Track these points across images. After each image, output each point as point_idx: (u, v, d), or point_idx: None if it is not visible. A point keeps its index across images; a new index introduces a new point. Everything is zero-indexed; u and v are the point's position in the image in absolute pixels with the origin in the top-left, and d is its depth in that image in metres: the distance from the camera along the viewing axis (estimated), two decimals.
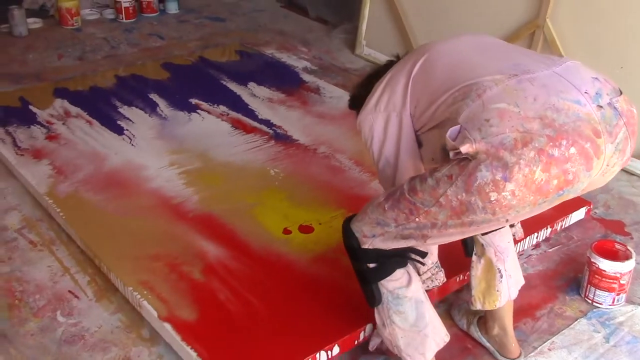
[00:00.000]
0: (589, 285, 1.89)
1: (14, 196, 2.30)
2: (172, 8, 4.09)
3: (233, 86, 3.03)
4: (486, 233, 1.60)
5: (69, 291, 1.88)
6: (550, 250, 2.12)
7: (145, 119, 2.73)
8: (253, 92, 3.00)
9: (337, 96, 2.96)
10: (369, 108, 1.54)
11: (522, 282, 1.72)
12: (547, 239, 2.15)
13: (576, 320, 1.84)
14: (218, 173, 2.37)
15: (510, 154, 1.19)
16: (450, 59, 1.44)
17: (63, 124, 2.66)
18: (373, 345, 1.68)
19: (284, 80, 3.13)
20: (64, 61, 3.40)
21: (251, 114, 2.80)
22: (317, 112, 2.85)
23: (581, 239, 2.17)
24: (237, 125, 2.70)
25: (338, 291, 1.79)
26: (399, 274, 1.48)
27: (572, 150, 1.20)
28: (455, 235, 1.36)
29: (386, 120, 1.51)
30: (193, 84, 3.04)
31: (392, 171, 1.53)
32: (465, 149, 1.21)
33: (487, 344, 1.73)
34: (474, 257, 1.66)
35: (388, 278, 1.48)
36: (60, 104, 2.81)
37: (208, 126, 2.70)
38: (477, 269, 1.65)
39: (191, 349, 1.59)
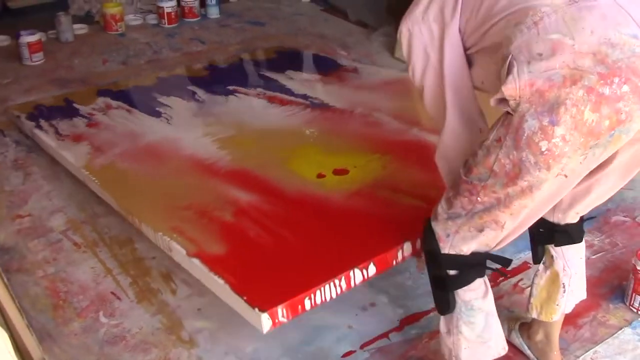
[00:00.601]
0: (634, 294, 1.84)
1: (60, 199, 2.36)
2: (213, 13, 4.13)
3: (270, 74, 3.06)
4: (560, 243, 1.57)
5: (112, 292, 1.92)
6: (593, 257, 2.07)
7: (183, 103, 2.79)
8: (290, 76, 3.01)
9: (375, 72, 2.97)
10: (415, 17, 1.40)
11: (583, 297, 1.67)
12: (590, 245, 2.10)
13: (620, 329, 1.80)
14: (252, 138, 2.39)
15: (557, 92, 1.15)
16: None
17: (104, 114, 2.73)
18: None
19: (322, 66, 3.15)
20: (108, 66, 3.47)
21: (288, 91, 2.82)
22: (355, 84, 2.85)
23: (626, 245, 2.12)
24: (273, 100, 2.73)
25: (375, 218, 1.77)
26: (477, 284, 1.44)
27: (625, 88, 1.15)
28: (524, 214, 1.32)
29: (433, 33, 1.39)
30: (231, 76, 3.09)
31: (438, 91, 1.42)
32: (508, 90, 1.18)
33: (528, 352, 1.70)
34: (541, 266, 1.62)
35: (466, 288, 1.44)
36: (103, 100, 2.87)
37: (244, 104, 2.74)
38: (542, 278, 1.62)
39: (219, 277, 1.57)
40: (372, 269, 1.58)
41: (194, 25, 4.03)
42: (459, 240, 1.40)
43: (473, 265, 1.43)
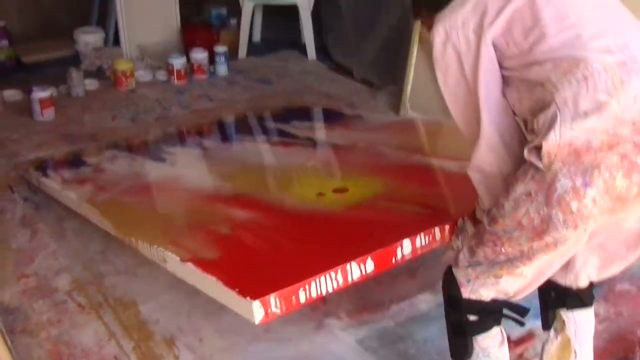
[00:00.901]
0: None
1: (66, 257, 2.37)
2: (222, 70, 4.22)
3: (275, 125, 3.13)
4: (571, 306, 1.60)
5: (115, 357, 1.91)
6: (598, 326, 2.05)
7: (188, 150, 2.89)
8: (295, 126, 3.08)
9: (379, 118, 3.10)
10: (455, 21, 1.38)
11: None
12: (595, 314, 2.09)
13: None
14: (254, 171, 2.46)
15: (594, 156, 1.21)
16: (562, 6, 1.33)
17: (110, 163, 2.79)
18: (447, 257, 1.61)
19: (327, 118, 3.26)
20: (117, 122, 3.53)
21: (292, 136, 2.88)
22: (359, 128, 2.94)
23: (631, 315, 2.11)
24: (277, 144, 2.80)
25: (374, 220, 1.78)
26: (495, 332, 1.49)
27: None
28: (546, 266, 1.39)
29: (470, 43, 1.37)
30: (238, 129, 3.20)
31: (469, 104, 1.42)
32: (548, 146, 1.21)
33: None
34: (551, 332, 1.64)
35: (484, 334, 1.49)
36: (110, 153, 2.93)
37: (248, 148, 2.82)
38: (553, 344, 1.63)
39: (212, 276, 1.55)
40: (370, 265, 1.55)
41: (203, 82, 4.10)
42: (479, 286, 1.45)
43: (492, 312, 1.48)
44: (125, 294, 2.18)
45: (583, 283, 1.59)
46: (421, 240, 1.64)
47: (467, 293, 1.47)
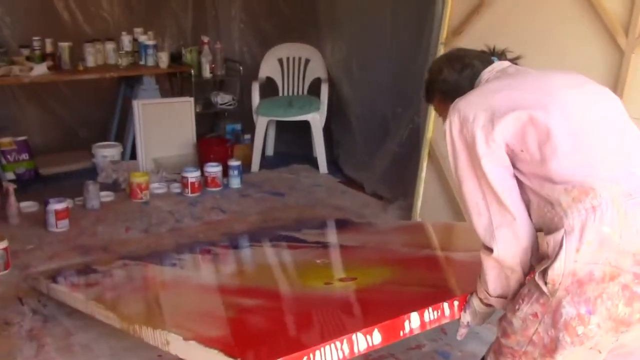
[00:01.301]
0: None
1: None
2: (235, 183, 4.30)
3: (286, 232, 3.17)
4: None
5: None
6: None
7: (199, 257, 2.92)
8: (305, 232, 3.13)
9: (388, 223, 3.15)
10: (467, 115, 1.43)
11: None
12: None
13: None
14: (264, 269, 2.51)
15: (595, 287, 1.29)
16: (575, 129, 1.39)
17: (120, 270, 2.81)
18: (461, 334, 1.63)
19: (336, 224, 3.34)
20: (130, 234, 3.57)
21: (302, 241, 2.93)
22: (369, 231, 3.00)
23: None
24: (286, 247, 2.85)
25: (382, 298, 1.78)
26: None
27: None
28: None
29: (477, 138, 1.41)
30: (248, 238, 3.22)
31: (476, 191, 1.44)
32: (553, 275, 1.29)
33: None
34: None
35: None
36: (121, 262, 2.94)
37: (257, 252, 2.88)
38: None
39: (214, 349, 1.50)
40: (377, 337, 1.52)
41: (216, 194, 4.17)
42: None
43: None
44: None
45: None
46: (430, 314, 1.62)
47: None
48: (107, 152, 4.42)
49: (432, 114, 3.48)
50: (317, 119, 4.60)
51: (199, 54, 4.87)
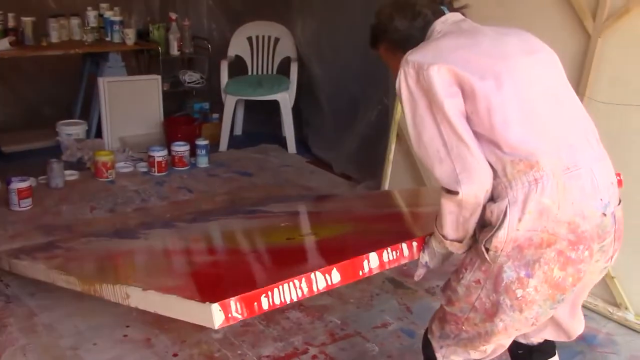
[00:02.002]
0: None
1: (35, 353, 2.30)
2: (202, 162, 4.26)
3: (252, 207, 3.22)
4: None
5: None
6: None
7: (163, 230, 2.94)
8: (271, 206, 3.20)
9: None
10: (422, 62, 1.41)
11: None
12: None
13: None
14: (227, 235, 2.59)
15: (534, 252, 1.39)
16: (524, 100, 1.43)
17: (84, 245, 2.81)
18: (419, 275, 1.67)
19: (304, 198, 3.43)
20: (95, 213, 3.52)
21: (267, 212, 3.02)
22: (335, 200, 3.19)
23: None
24: (251, 217, 2.91)
25: (340, 241, 1.85)
26: None
27: (586, 253, 1.43)
28: (502, 340, 1.56)
29: (437, 83, 1.40)
30: (214, 213, 3.25)
31: (436, 138, 1.43)
32: (497, 242, 1.39)
33: None
34: None
35: None
36: (85, 239, 2.94)
37: (222, 223, 2.90)
38: None
39: (173, 295, 1.50)
40: (336, 276, 1.51)
41: (183, 173, 4.13)
42: (450, 353, 1.62)
43: None
44: None
45: (540, 341, 1.78)
46: (388, 254, 1.61)
47: (440, 357, 1.64)
48: (71, 130, 4.34)
49: None
50: (286, 99, 4.58)
51: (166, 31, 4.79)
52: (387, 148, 3.57)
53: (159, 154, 4.08)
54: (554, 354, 1.84)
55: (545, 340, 1.78)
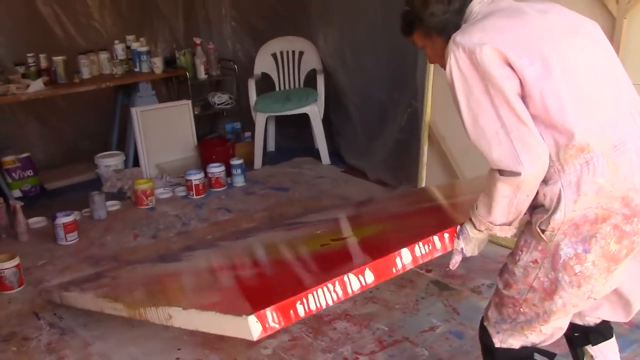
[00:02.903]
0: None
1: None
2: (239, 181, 4.31)
3: (290, 220, 3.27)
4: (595, 342, 1.79)
5: None
6: None
7: (206, 251, 2.99)
8: (308, 217, 3.26)
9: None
10: (472, 42, 1.41)
11: None
12: None
13: None
14: (263, 246, 2.64)
15: (590, 227, 1.43)
16: (574, 80, 1.44)
17: (129, 273, 2.87)
18: (454, 263, 1.65)
19: (340, 205, 3.45)
20: (139, 241, 3.59)
21: (304, 222, 3.02)
22: (372, 202, 3.24)
23: None
24: (288, 229, 2.92)
25: (374, 246, 1.82)
26: None
27: (639, 225, 1.45)
28: (560, 319, 1.58)
29: (493, 60, 1.41)
30: (253, 230, 3.32)
31: (493, 119, 1.44)
32: (554, 223, 1.42)
33: None
34: None
35: None
36: (131, 267, 3.02)
37: (261, 238, 2.93)
38: None
39: (212, 311, 1.52)
40: (369, 276, 1.52)
41: (221, 194, 4.19)
42: (508, 337, 1.64)
43: (522, 358, 1.65)
44: None
45: (597, 321, 1.79)
46: (420, 248, 1.61)
47: (498, 343, 1.65)
48: (109, 162, 4.44)
49: (430, 97, 3.48)
50: (315, 111, 4.61)
51: (192, 56, 4.88)
52: (419, 150, 3.57)
53: (196, 177, 4.14)
54: (612, 336, 1.83)
55: (602, 321, 1.79)
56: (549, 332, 1.62)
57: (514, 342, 1.65)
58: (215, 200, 4.10)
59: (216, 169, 4.23)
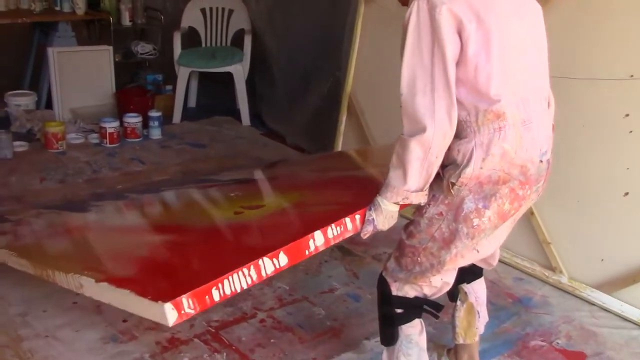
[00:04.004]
0: None
1: None
2: (155, 134, 4.25)
3: (204, 177, 3.21)
4: (469, 280, 2.02)
5: None
6: None
7: (113, 202, 2.89)
8: (223, 174, 3.19)
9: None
10: (441, 12, 1.51)
11: (487, 319, 2.13)
12: None
13: None
14: (177, 208, 2.61)
15: (492, 187, 1.61)
16: (504, 51, 1.57)
17: (33, 218, 2.76)
18: (365, 232, 1.70)
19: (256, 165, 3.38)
20: (45, 184, 3.49)
21: (215, 181, 2.99)
22: (286, 164, 3.18)
23: None
24: (202, 187, 2.88)
25: (286, 221, 1.88)
26: (416, 322, 1.84)
27: (528, 192, 1.67)
28: (449, 273, 1.79)
29: (448, 23, 1.51)
30: (166, 183, 3.24)
31: (427, 79, 1.54)
32: (465, 177, 1.58)
33: None
34: (458, 302, 2.04)
35: (408, 324, 1.82)
36: (35, 211, 2.90)
37: (171, 194, 2.90)
38: (461, 311, 2.04)
39: (125, 290, 1.54)
40: (283, 259, 1.57)
41: (136, 145, 4.12)
42: (403, 286, 1.80)
43: (414, 307, 1.82)
44: (44, 358, 2.12)
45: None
46: (333, 230, 1.67)
47: (395, 291, 1.80)
48: (20, 101, 4.26)
49: (352, 69, 3.54)
50: (240, 71, 4.58)
51: (118, 1, 4.72)
52: (338, 120, 3.63)
53: (111, 125, 4.05)
54: (482, 275, 2.07)
55: (473, 264, 1.98)
56: (438, 284, 1.80)
57: (409, 291, 1.80)
58: (129, 151, 4.03)
59: (133, 119, 4.15)
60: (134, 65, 5.06)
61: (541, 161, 1.66)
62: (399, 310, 1.82)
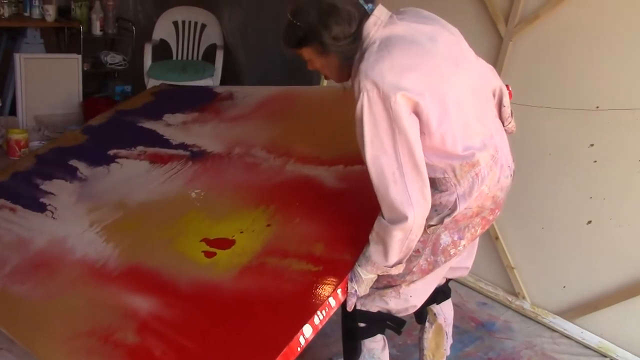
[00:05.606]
0: None
1: None
2: None
3: (148, 124, 2.83)
4: (440, 301, 2.03)
5: None
6: None
7: (66, 186, 2.56)
8: (168, 122, 2.79)
9: (251, 94, 2.83)
10: (395, 99, 1.48)
11: (451, 340, 2.11)
12: None
13: None
14: (136, 217, 2.23)
15: (466, 221, 1.66)
16: (461, 109, 1.60)
17: None
18: (350, 304, 1.72)
19: (198, 100, 2.94)
20: None
21: (166, 143, 2.62)
22: (230, 116, 2.70)
23: None
24: (154, 159, 2.54)
25: (269, 300, 1.74)
26: (379, 338, 1.83)
27: (498, 213, 1.76)
28: (418, 293, 1.78)
29: (401, 108, 1.50)
30: (110, 137, 2.86)
31: (392, 163, 1.53)
32: (445, 222, 1.62)
33: None
34: (427, 324, 2.04)
35: (371, 339, 1.81)
36: None
37: (127, 172, 2.54)
38: (429, 332, 2.04)
39: None
40: None
41: None
42: (368, 301, 1.76)
43: (377, 322, 1.80)
44: None
45: (442, 283, 2.01)
46: (319, 316, 1.63)
47: (359, 305, 1.77)
48: None
49: (324, 84, 3.55)
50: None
51: (89, 10, 4.68)
52: None
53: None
54: (450, 295, 2.10)
55: (445, 283, 2.03)
56: (405, 303, 1.77)
57: (372, 307, 1.78)
58: None
59: None
60: (102, 75, 5.00)
61: (511, 175, 1.73)
62: (362, 324, 1.80)
